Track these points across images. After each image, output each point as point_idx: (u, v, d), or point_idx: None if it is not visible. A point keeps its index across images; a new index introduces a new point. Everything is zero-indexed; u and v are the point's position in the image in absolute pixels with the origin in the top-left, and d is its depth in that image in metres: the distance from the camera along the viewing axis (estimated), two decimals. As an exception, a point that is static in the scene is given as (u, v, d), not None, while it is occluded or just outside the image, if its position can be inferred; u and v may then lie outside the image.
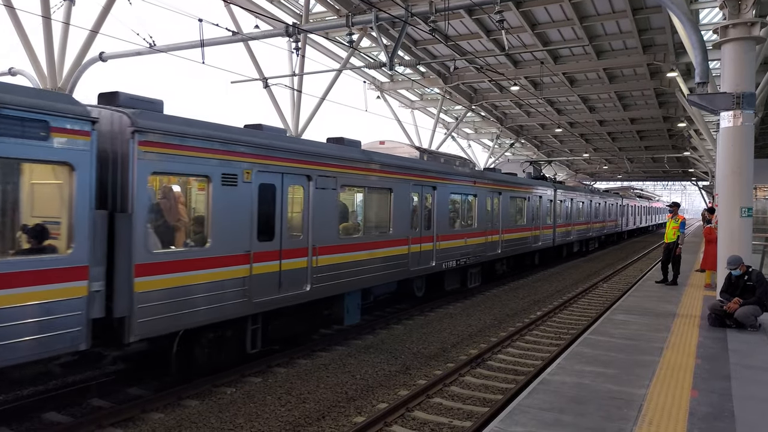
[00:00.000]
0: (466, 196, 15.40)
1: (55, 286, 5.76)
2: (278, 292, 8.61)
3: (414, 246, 12.60)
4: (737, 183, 10.24)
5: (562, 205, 24.60)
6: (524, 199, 19.55)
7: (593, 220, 30.56)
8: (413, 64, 20.38)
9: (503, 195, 17.49)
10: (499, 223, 17.15)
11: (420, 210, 12.90)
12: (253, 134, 8.40)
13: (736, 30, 10.05)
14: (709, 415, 5.52)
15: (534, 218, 20.47)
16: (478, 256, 15.63)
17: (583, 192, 29.11)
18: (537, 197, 20.94)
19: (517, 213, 19.20)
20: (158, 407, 7.16)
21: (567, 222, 25.34)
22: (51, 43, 15.63)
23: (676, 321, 9.86)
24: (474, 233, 15.46)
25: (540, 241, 21.26)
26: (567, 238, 25.51)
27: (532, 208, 20.25)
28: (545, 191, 22.07)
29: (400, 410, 7.10)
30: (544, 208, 21.72)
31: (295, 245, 8.97)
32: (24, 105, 5.53)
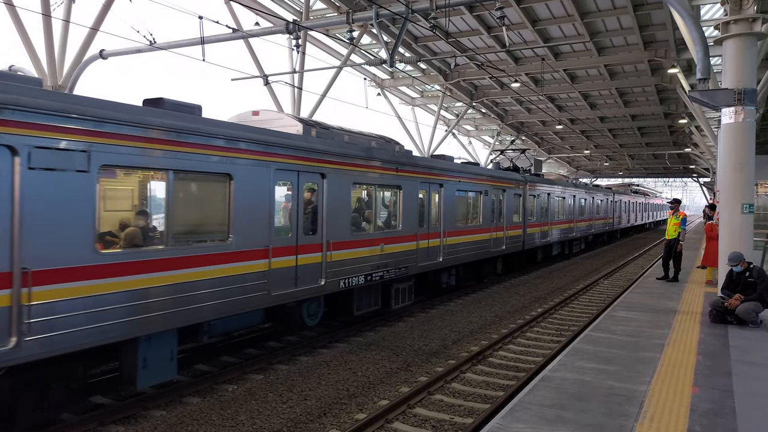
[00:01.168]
0: (383, 189, 11.74)
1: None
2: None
3: (282, 260, 8.55)
4: (738, 179, 10.23)
5: (536, 201, 21.09)
6: (480, 193, 16.06)
7: (578, 218, 27.28)
8: (414, 61, 20.32)
9: (446, 188, 13.98)
10: (440, 224, 13.70)
11: (297, 209, 9.06)
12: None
13: (738, 26, 10.02)
14: (710, 411, 5.52)
15: (494, 217, 17.01)
16: (404, 267, 12.05)
17: (563, 186, 25.38)
18: (498, 191, 17.43)
19: (468, 210, 15.83)
20: (160, 404, 7.18)
21: (542, 221, 21.77)
22: (51, 40, 15.61)
23: (677, 318, 9.86)
24: (397, 237, 11.84)
25: (503, 244, 17.75)
26: (542, 240, 21.89)
27: (490, 204, 16.71)
28: (511, 184, 18.53)
29: (402, 407, 7.11)
30: (509, 204, 18.25)
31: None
32: None
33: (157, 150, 6.78)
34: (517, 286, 17.45)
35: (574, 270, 22.07)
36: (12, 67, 17.98)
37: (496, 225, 17.14)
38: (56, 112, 5.75)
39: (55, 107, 5.75)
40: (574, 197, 26.58)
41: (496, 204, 17.22)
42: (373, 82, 26.78)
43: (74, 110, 5.92)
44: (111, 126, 6.24)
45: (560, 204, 24.50)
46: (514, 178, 19.05)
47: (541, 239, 21.72)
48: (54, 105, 5.74)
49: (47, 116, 5.67)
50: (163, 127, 6.84)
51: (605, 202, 33.81)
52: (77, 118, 5.94)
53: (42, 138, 5.62)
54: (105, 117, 6.18)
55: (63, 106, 5.82)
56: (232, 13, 17.48)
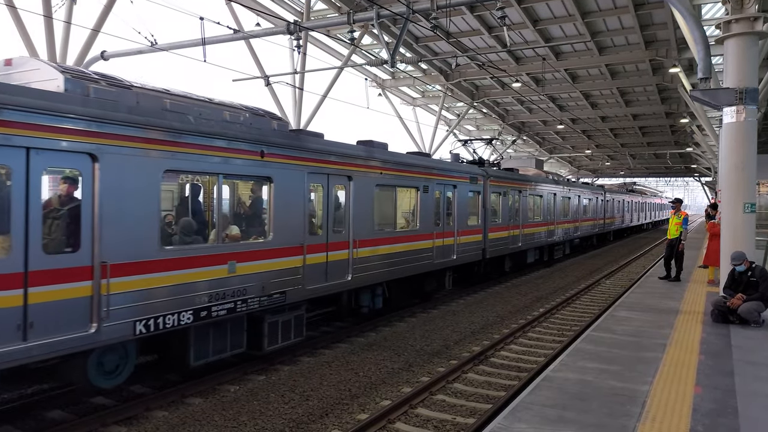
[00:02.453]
0: (232, 181, 8.54)
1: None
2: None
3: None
4: (740, 179, 10.21)
5: (503, 199, 17.67)
6: (415, 189, 12.61)
7: (560, 220, 23.79)
8: (415, 61, 20.36)
9: (357, 181, 10.37)
10: (348, 230, 10.18)
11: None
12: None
13: (739, 25, 10.01)
14: (713, 411, 5.51)
15: (439, 219, 13.59)
16: (279, 293, 8.55)
17: (539, 182, 21.57)
18: (445, 187, 13.92)
19: (396, 212, 12.20)
20: (162, 405, 7.18)
21: (511, 223, 18.31)
22: (53, 42, 15.62)
23: (679, 317, 9.84)
24: (263, 252, 8.31)
25: (453, 253, 14.24)
26: (512, 246, 18.38)
27: (432, 203, 13.17)
28: (464, 179, 14.94)
29: (404, 407, 7.11)
30: (463, 203, 14.82)
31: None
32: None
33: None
34: (518, 286, 17.44)
35: (576, 270, 22.06)
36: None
37: (443, 229, 13.68)
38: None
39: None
40: (554, 195, 23.02)
41: (442, 203, 13.70)
42: (374, 82, 26.80)
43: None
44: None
45: (536, 203, 21.09)
46: (470, 172, 15.46)
47: (511, 245, 18.26)
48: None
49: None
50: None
51: (594, 202, 30.46)
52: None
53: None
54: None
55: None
56: (233, 14, 17.51)
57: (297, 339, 9.19)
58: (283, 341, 8.86)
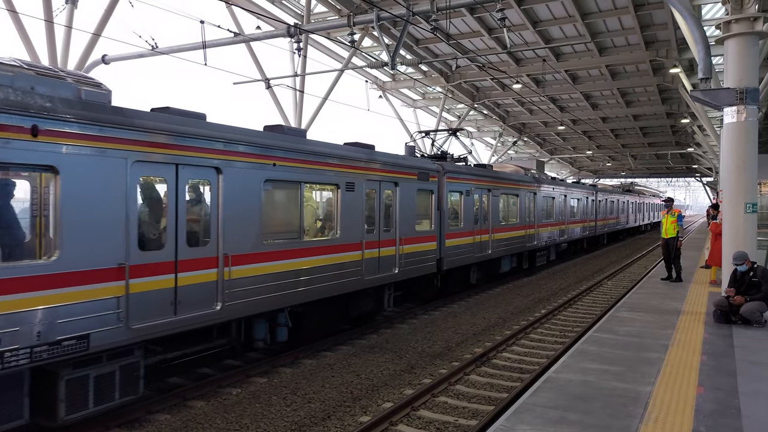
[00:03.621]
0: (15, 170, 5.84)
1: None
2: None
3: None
4: (741, 179, 10.21)
5: (465, 200, 15.05)
6: (334, 187, 10.08)
7: (542, 222, 21.24)
8: (415, 63, 20.37)
9: (229, 176, 7.77)
10: (217, 242, 7.59)
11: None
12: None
13: (739, 25, 10.02)
14: (715, 411, 5.51)
15: (375, 224, 11.17)
16: (71, 340, 5.82)
17: (513, 180, 18.78)
18: (385, 184, 11.47)
19: (298, 216, 9.24)
20: (164, 408, 7.18)
21: (478, 227, 15.72)
22: (53, 46, 15.66)
23: (681, 318, 9.83)
24: (49, 278, 5.63)
25: (395, 266, 11.66)
26: (479, 254, 15.78)
27: (360, 204, 10.63)
28: (410, 175, 12.37)
29: (406, 409, 7.11)
30: (407, 205, 12.22)
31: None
32: None
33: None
34: (520, 288, 17.42)
35: (578, 271, 22.04)
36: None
37: (378, 237, 11.22)
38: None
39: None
40: (534, 195, 20.42)
41: (377, 205, 11.26)
42: (374, 84, 26.84)
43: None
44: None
45: (511, 204, 18.64)
46: (419, 167, 12.80)
47: (477, 253, 15.68)
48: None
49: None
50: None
51: (584, 202, 28.09)
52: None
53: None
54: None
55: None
56: (233, 17, 17.55)
57: (126, 398, 6.47)
58: (100, 404, 6.21)
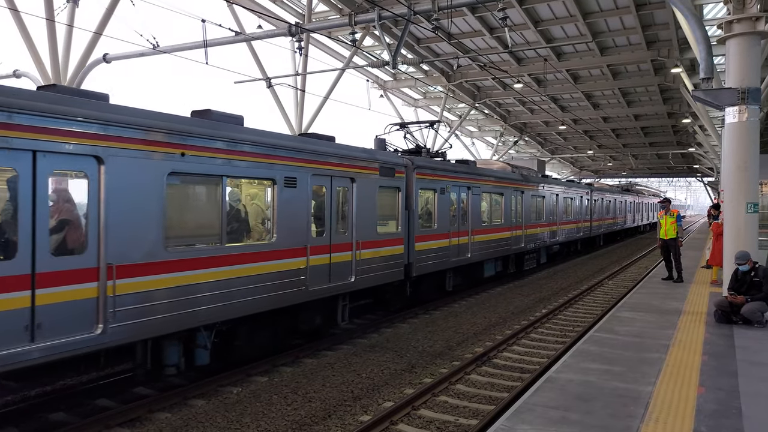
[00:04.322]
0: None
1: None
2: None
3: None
4: (743, 179, 10.19)
5: (439, 198, 13.55)
6: (269, 183, 8.68)
7: (531, 223, 19.83)
8: (416, 62, 20.33)
9: (115, 167, 6.40)
10: (97, 250, 6.22)
11: None
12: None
13: (741, 25, 10.00)
14: (716, 412, 5.50)
15: (319, 227, 9.78)
16: None
17: (496, 177, 17.19)
18: (337, 180, 10.10)
19: (233, 218, 8.33)
20: (164, 407, 7.19)
21: (453, 230, 14.17)
22: (55, 44, 15.69)
23: (682, 318, 9.82)
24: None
25: (351, 274, 10.32)
26: (454, 259, 14.19)
27: (304, 203, 9.25)
28: (371, 170, 11.01)
29: (406, 409, 7.11)
30: (368, 204, 10.89)
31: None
32: None
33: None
34: (521, 287, 17.42)
35: (578, 271, 22.03)
36: (16, 71, 18.10)
37: (330, 241, 9.89)
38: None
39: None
40: (521, 194, 19.02)
41: (328, 203, 9.89)
42: (375, 83, 26.83)
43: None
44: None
45: (495, 204, 17.28)
46: (381, 160, 11.37)
47: (454, 257, 14.24)
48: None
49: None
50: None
51: (579, 201, 26.67)
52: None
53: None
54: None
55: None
56: (234, 16, 17.54)
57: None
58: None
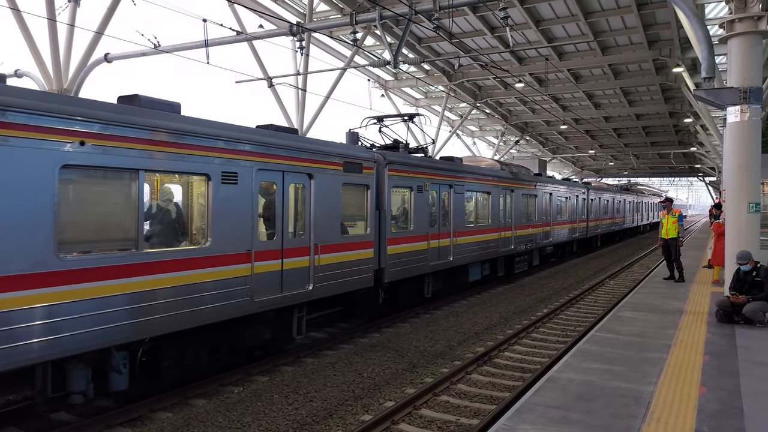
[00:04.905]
0: None
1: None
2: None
3: None
4: (744, 178, 10.18)
5: (416, 197, 12.54)
6: (202, 178, 7.63)
7: (522, 224, 18.76)
8: (417, 62, 20.32)
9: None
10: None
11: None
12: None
13: (743, 24, 9.98)
14: (718, 412, 5.49)
15: (270, 229, 8.80)
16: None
17: (483, 175, 16.19)
18: (290, 176, 9.01)
19: (158, 219, 7.59)
20: (166, 406, 7.20)
21: (432, 231, 13.15)
22: (56, 44, 15.70)
23: (684, 318, 9.81)
24: None
25: (308, 281, 9.25)
26: (434, 263, 13.19)
27: (243, 203, 8.10)
28: (333, 165, 9.93)
29: (407, 408, 7.11)
30: (332, 203, 9.91)
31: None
32: None
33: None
34: (522, 287, 17.41)
35: (580, 270, 22.01)
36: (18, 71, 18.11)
37: (281, 245, 8.75)
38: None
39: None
40: (511, 192, 17.96)
41: (279, 202, 8.80)
42: (376, 83, 26.82)
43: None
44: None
45: (481, 203, 16.34)
46: (346, 154, 10.32)
47: (433, 261, 13.16)
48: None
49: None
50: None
51: (573, 201, 25.64)
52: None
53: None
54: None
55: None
56: (235, 15, 17.55)
57: None
58: None
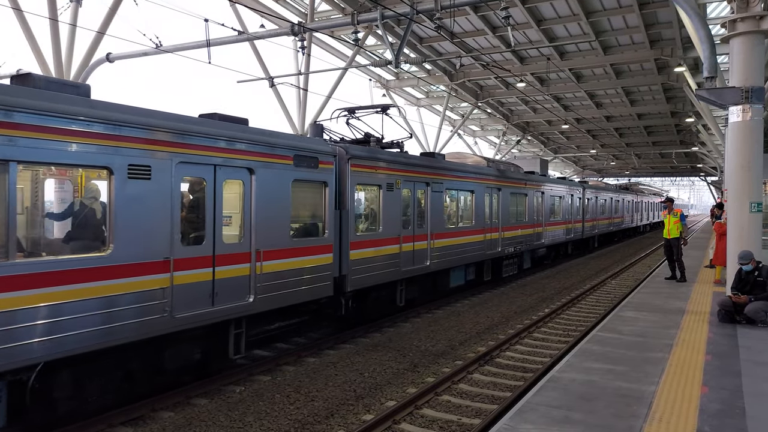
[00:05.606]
0: None
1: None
2: None
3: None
4: (746, 178, 10.17)
5: (385, 195, 11.35)
6: (107, 172, 6.41)
7: (510, 225, 17.61)
8: (419, 61, 20.34)
9: None
10: None
11: None
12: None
13: (745, 24, 9.96)
14: (720, 411, 5.49)
15: (195, 232, 7.52)
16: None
17: (465, 172, 14.97)
18: (225, 171, 7.78)
19: (60, 222, 6.83)
20: (167, 406, 7.20)
21: (406, 233, 12.03)
22: (58, 44, 15.70)
23: (686, 317, 9.80)
24: None
25: (249, 293, 8.05)
26: (407, 268, 11.98)
27: (160, 203, 6.90)
28: (276, 159, 8.66)
29: (409, 408, 7.11)
30: (274, 202, 8.58)
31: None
32: None
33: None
34: (523, 287, 17.40)
35: (582, 270, 22.00)
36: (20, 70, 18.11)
37: (214, 251, 7.55)
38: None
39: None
40: (498, 191, 16.85)
41: (209, 201, 7.54)
42: (378, 83, 26.82)
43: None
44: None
45: (464, 202, 15.32)
46: (297, 147, 9.05)
47: (406, 266, 11.96)
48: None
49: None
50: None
51: (569, 200, 24.44)
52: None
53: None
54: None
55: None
56: (237, 15, 17.56)
57: None
58: None
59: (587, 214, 27.66)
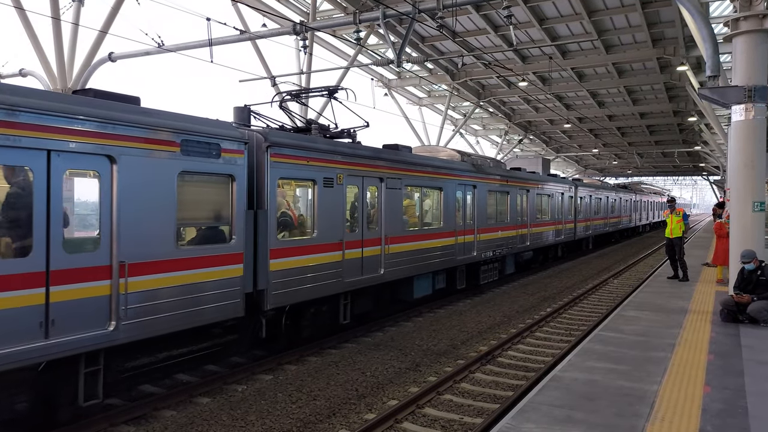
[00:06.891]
0: None
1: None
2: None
3: None
4: (749, 177, 10.15)
5: (321, 193, 9.48)
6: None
7: (487, 226, 15.74)
8: (421, 60, 20.35)
9: None
10: None
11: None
12: None
13: (748, 22, 9.94)
14: (723, 411, 5.48)
15: (36, 242, 5.51)
16: None
17: (431, 167, 13.14)
18: (76, 158, 5.90)
19: None
20: (170, 405, 7.21)
21: (350, 238, 10.23)
22: (61, 43, 15.74)
23: (688, 317, 9.79)
24: None
25: (112, 319, 6.21)
26: (351, 279, 10.18)
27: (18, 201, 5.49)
28: (149, 145, 6.66)
29: (411, 407, 7.11)
30: (154, 202, 6.72)
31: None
32: None
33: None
34: (525, 286, 17.38)
35: (584, 269, 21.98)
36: (22, 70, 18.17)
37: (48, 266, 5.62)
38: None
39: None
40: (473, 189, 15.03)
41: (38, 200, 5.57)
42: (380, 82, 26.81)
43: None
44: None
45: (431, 201, 13.64)
46: (184, 129, 7.12)
47: (350, 277, 10.16)
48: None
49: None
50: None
51: (558, 199, 22.73)
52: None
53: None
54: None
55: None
56: (239, 14, 17.57)
57: None
58: None
59: (580, 214, 25.99)
